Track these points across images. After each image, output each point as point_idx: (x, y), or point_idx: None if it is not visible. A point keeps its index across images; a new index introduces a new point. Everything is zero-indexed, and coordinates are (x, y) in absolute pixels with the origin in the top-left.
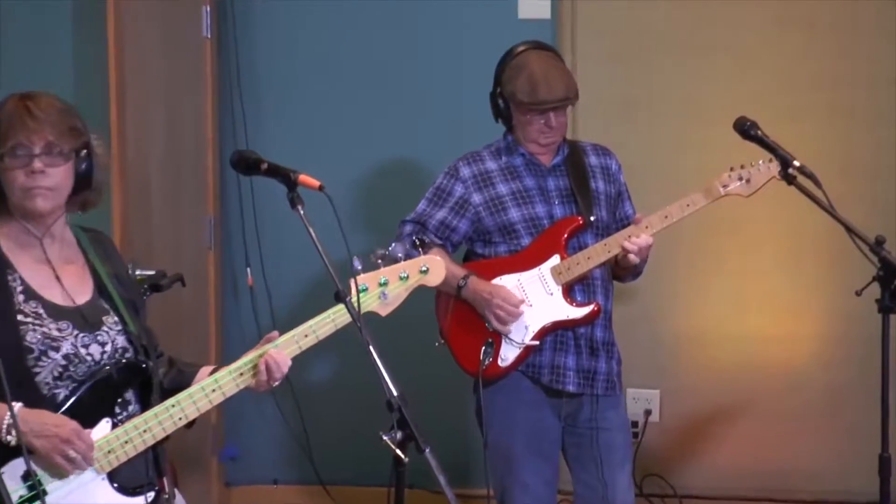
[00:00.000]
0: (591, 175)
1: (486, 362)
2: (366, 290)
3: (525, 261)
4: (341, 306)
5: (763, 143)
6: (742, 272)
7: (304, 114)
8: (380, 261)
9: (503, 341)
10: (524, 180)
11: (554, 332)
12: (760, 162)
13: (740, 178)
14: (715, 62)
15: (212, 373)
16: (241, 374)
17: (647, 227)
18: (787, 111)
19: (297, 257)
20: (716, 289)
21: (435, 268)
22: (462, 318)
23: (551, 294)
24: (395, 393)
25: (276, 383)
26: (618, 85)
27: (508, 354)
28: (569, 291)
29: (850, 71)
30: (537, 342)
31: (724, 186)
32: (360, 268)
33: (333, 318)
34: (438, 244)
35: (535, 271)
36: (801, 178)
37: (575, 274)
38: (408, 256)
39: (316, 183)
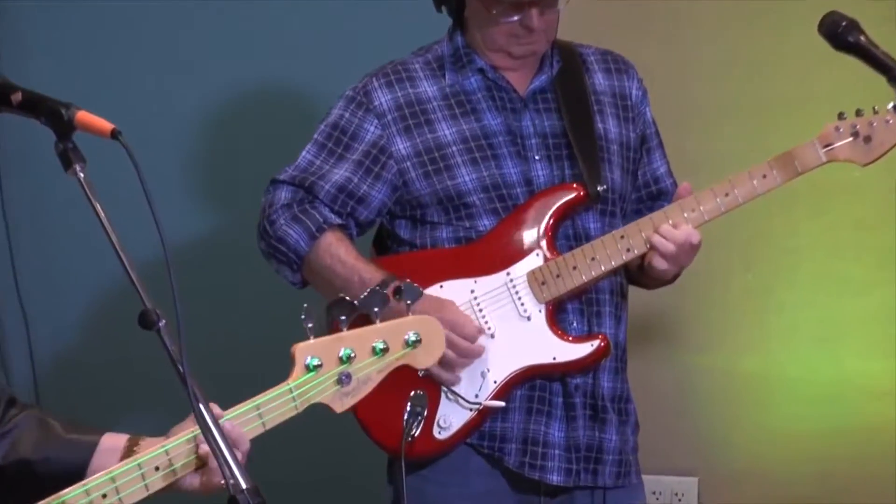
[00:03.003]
0: (594, 108)
1: (414, 432)
2: (317, 367)
3: (484, 258)
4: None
5: (868, 55)
6: (834, 282)
7: (92, 12)
8: (343, 316)
9: (442, 396)
10: (483, 118)
11: (529, 382)
12: (891, 107)
13: (854, 134)
14: None
15: (126, 450)
16: (157, 469)
17: (693, 211)
18: None
19: (79, 260)
20: (792, 310)
21: (432, 338)
22: None
23: (528, 318)
24: (242, 485)
25: (231, 482)
26: None
27: (452, 419)
28: (556, 314)
29: None
30: (501, 403)
31: (828, 147)
32: (310, 325)
33: (294, 397)
34: (336, 223)
35: (500, 278)
36: None
37: (569, 287)
38: (382, 309)
39: (106, 126)
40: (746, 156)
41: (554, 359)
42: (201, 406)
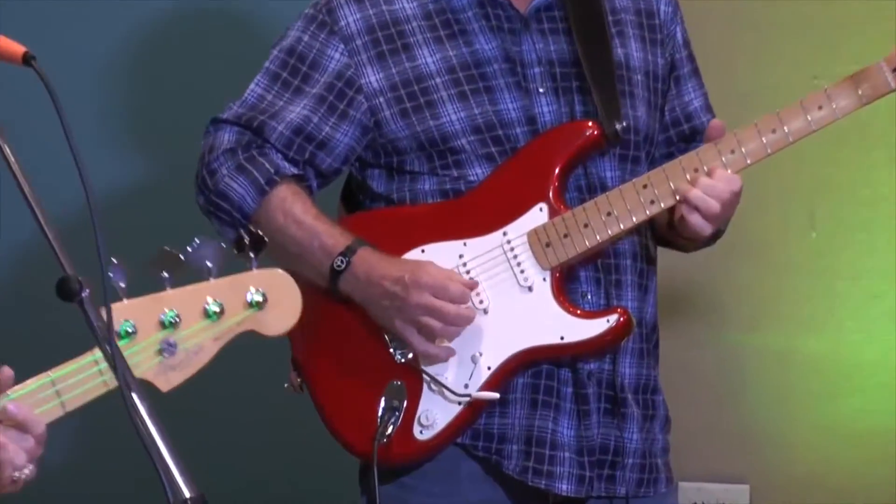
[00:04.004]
0: (612, 28)
1: (389, 431)
2: (131, 335)
3: (475, 215)
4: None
5: None
6: None
7: None
8: (164, 272)
9: (425, 387)
10: (474, 41)
11: (533, 369)
12: None
13: None
14: None
15: None
16: None
17: (732, 152)
18: None
19: None
20: (866, 278)
21: (281, 296)
22: (339, 337)
23: (529, 289)
24: (186, 494)
25: (25, 474)
26: None
27: (436, 415)
28: (565, 284)
29: None
30: (496, 395)
31: None
32: (122, 283)
33: (101, 370)
34: (291, 174)
35: (495, 239)
36: None
37: (579, 249)
38: (217, 263)
39: (17, 49)
40: (808, 85)
41: (561, 338)
42: (135, 395)
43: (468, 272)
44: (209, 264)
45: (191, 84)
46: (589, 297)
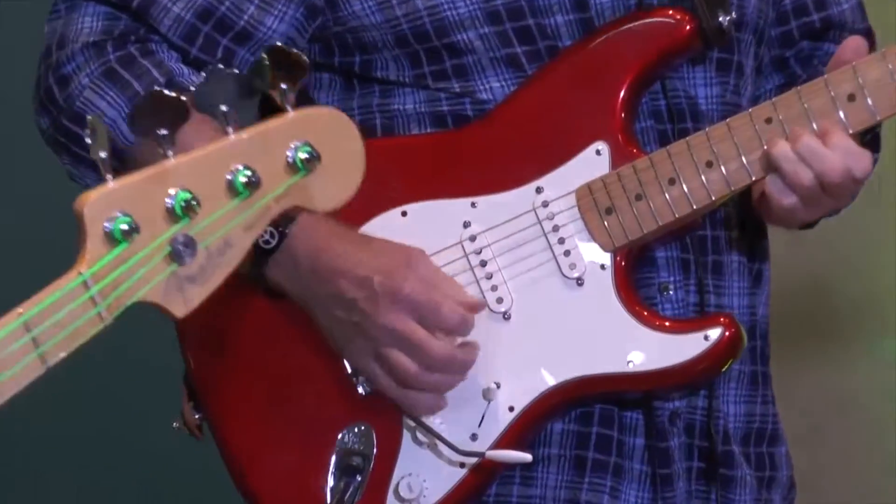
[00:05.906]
0: None
1: None
2: (130, 234)
3: (491, 157)
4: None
5: None
6: None
7: None
8: (162, 128)
9: (405, 436)
10: None
11: (581, 409)
12: None
13: None
14: None
15: None
16: None
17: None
18: None
19: None
20: None
21: (336, 149)
22: (266, 353)
23: (577, 281)
24: None
25: None
26: None
27: (424, 482)
28: (635, 272)
29: None
30: (526, 456)
31: None
32: (103, 154)
33: (94, 296)
34: (188, 84)
35: (524, 199)
36: None
37: (661, 220)
38: (237, 103)
39: None
40: None
41: (629, 364)
42: None
43: (479, 252)
44: (224, 108)
45: None
46: (671, 291)
